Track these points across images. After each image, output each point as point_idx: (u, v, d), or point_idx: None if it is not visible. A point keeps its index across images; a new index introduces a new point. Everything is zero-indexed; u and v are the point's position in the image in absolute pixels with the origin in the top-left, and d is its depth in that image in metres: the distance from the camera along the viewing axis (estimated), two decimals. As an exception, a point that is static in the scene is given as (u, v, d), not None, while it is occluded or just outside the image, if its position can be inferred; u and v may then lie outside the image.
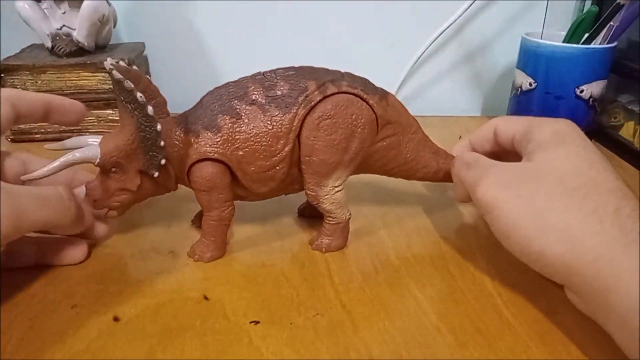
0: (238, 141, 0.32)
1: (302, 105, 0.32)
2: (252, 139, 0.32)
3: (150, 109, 0.30)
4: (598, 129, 0.57)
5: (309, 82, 0.33)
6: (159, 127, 0.30)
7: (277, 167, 0.33)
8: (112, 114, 0.55)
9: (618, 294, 0.23)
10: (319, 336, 0.28)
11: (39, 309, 0.30)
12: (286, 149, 0.32)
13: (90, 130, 0.55)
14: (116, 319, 0.29)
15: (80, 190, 0.33)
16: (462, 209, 0.42)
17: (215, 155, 0.32)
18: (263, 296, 0.31)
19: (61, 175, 0.33)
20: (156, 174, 0.32)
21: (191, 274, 0.33)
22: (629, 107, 0.55)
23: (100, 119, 0.55)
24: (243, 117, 0.32)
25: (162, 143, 0.31)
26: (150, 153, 0.31)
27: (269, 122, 0.32)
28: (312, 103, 0.32)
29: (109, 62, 0.29)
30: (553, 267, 0.27)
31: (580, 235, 0.26)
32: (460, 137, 0.56)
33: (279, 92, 0.32)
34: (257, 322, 0.29)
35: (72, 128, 0.55)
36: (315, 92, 0.32)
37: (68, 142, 0.32)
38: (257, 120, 0.32)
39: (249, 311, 0.30)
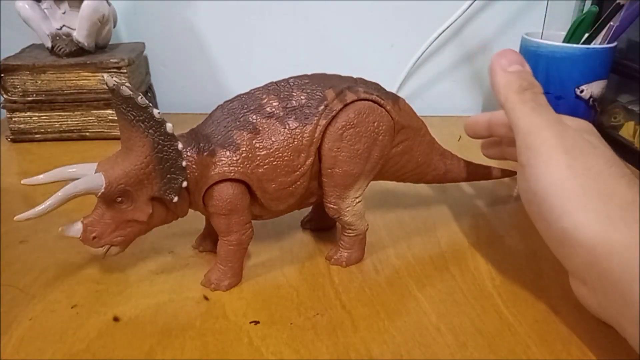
0: (258, 158, 0.30)
1: (323, 115, 0.31)
2: (272, 154, 0.30)
3: (169, 126, 0.27)
4: (598, 129, 0.57)
5: (326, 91, 0.31)
6: (180, 145, 0.28)
7: (298, 182, 0.31)
8: (112, 114, 0.55)
9: None
10: (319, 336, 0.28)
11: (39, 309, 0.30)
12: (307, 162, 0.31)
13: (90, 131, 0.55)
14: (116, 319, 0.29)
15: (75, 228, 0.29)
16: (462, 209, 0.42)
17: (236, 175, 0.29)
18: (263, 296, 0.31)
19: None
20: (176, 199, 0.29)
21: (191, 274, 0.33)
22: (629, 107, 0.55)
23: (100, 119, 0.55)
24: (261, 131, 0.30)
25: (183, 163, 0.28)
26: (169, 176, 0.28)
27: (289, 135, 0.30)
28: (333, 112, 0.31)
29: (111, 80, 0.26)
30: (576, 250, 0.26)
31: (617, 222, 0.25)
32: (460, 137, 0.57)
33: (295, 103, 0.31)
34: (257, 322, 0.29)
35: (73, 128, 0.55)
36: (335, 101, 0.31)
37: (49, 175, 0.29)
38: (277, 134, 0.30)
39: (249, 311, 0.30)
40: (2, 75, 0.52)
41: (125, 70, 0.53)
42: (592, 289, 0.26)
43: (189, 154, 0.29)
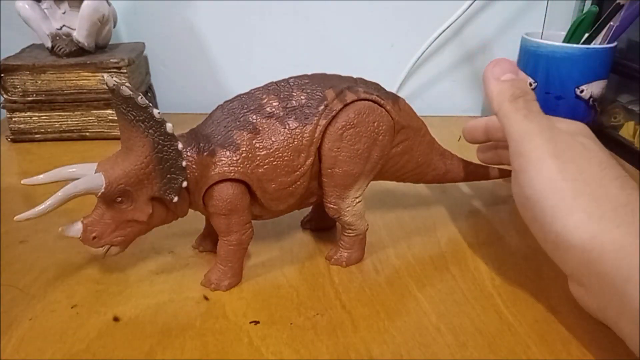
0: (258, 158, 0.30)
1: (323, 115, 0.31)
2: (272, 154, 0.30)
3: (169, 126, 0.27)
4: (598, 129, 0.57)
5: (326, 91, 0.31)
6: (180, 145, 0.28)
7: (298, 182, 0.31)
8: (112, 114, 0.55)
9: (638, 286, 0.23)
10: (319, 336, 0.28)
11: (39, 309, 0.30)
12: (307, 162, 0.31)
13: (90, 131, 0.55)
14: (116, 319, 0.29)
15: (75, 228, 0.29)
16: (462, 209, 0.42)
17: (236, 175, 0.29)
18: (263, 296, 0.31)
19: None
20: (176, 199, 0.29)
21: (191, 274, 0.33)
22: (629, 107, 0.55)
23: (100, 119, 0.55)
24: (261, 131, 0.30)
25: (183, 163, 0.28)
26: (169, 176, 0.28)
27: (289, 135, 0.30)
28: (333, 112, 0.31)
29: (111, 80, 0.26)
30: (570, 253, 0.26)
31: (610, 223, 0.25)
32: (460, 137, 0.57)
33: (295, 103, 0.31)
34: (257, 322, 0.29)
35: (73, 128, 0.55)
36: (335, 101, 0.31)
37: (49, 175, 0.29)
38: (277, 134, 0.30)
39: (249, 311, 0.30)
40: (2, 75, 0.52)
41: (125, 70, 0.53)
42: (590, 291, 0.26)
43: (189, 154, 0.29)
